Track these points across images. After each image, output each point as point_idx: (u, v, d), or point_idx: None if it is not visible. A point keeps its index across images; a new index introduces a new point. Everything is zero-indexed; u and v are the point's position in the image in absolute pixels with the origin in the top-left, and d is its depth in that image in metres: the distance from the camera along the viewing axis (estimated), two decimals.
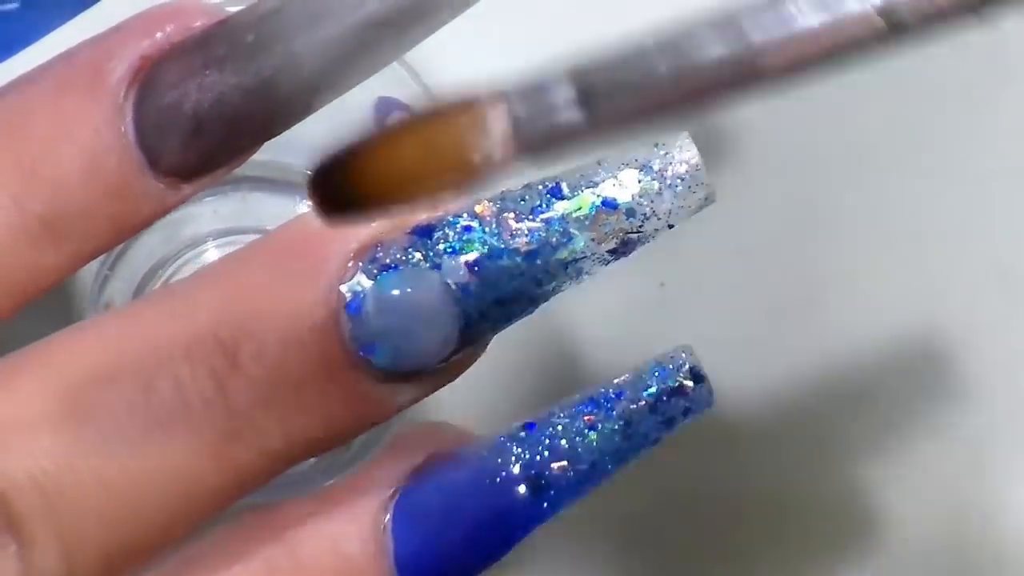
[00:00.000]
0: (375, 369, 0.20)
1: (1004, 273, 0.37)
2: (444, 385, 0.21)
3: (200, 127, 0.21)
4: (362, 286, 0.20)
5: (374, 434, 0.30)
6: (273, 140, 0.27)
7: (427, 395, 0.21)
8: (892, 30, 0.17)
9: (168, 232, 0.29)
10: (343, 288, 0.20)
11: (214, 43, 0.21)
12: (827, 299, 0.37)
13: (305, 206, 0.30)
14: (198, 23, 0.21)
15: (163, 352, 0.20)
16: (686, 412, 0.22)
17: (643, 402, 0.22)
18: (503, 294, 0.21)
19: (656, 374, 0.22)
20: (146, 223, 0.21)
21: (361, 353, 0.20)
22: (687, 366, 0.22)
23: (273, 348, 0.20)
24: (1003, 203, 0.36)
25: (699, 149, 0.22)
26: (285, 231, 0.21)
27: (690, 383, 0.22)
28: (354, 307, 0.20)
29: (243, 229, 0.30)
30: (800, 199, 0.36)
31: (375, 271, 0.20)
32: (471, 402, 0.35)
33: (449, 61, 0.35)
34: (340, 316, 0.20)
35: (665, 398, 0.22)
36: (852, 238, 0.37)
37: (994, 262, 0.37)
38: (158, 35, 0.21)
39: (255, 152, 0.22)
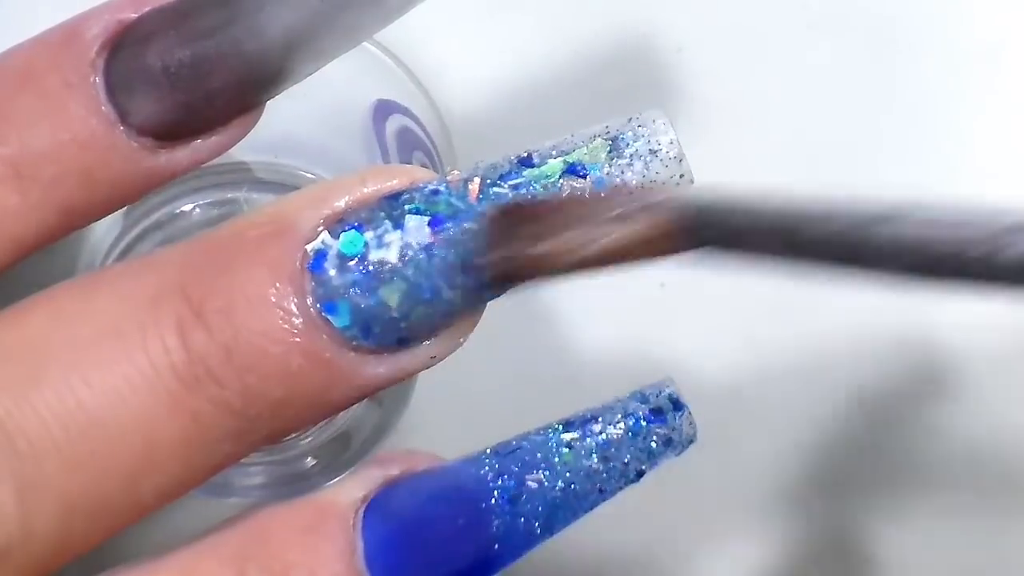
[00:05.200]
0: (339, 332, 0.21)
1: None
2: (418, 370, 0.21)
3: (169, 81, 0.21)
4: (325, 244, 0.20)
5: (375, 432, 0.30)
6: (273, 142, 0.27)
7: (400, 378, 0.21)
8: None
9: (167, 233, 0.29)
10: (308, 247, 0.21)
11: (186, 1, 0.21)
12: (827, 299, 0.37)
13: None
14: None
15: (128, 300, 0.20)
16: (667, 442, 0.22)
17: (621, 424, 0.22)
18: (469, 260, 0.21)
19: (635, 400, 0.22)
20: (121, 182, 0.22)
21: (324, 313, 0.20)
22: (666, 393, 0.22)
23: (238, 303, 0.20)
24: (1003, 199, 0.37)
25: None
26: (261, 207, 0.21)
27: (670, 407, 0.22)
28: (317, 265, 0.20)
29: None
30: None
31: (340, 231, 0.21)
32: (468, 401, 0.35)
33: (448, 64, 0.35)
34: (304, 274, 0.20)
35: (644, 422, 0.22)
36: None
37: None
38: (140, 11, 0.22)
39: (235, 133, 0.22)
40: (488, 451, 0.22)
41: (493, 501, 0.21)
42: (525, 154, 0.21)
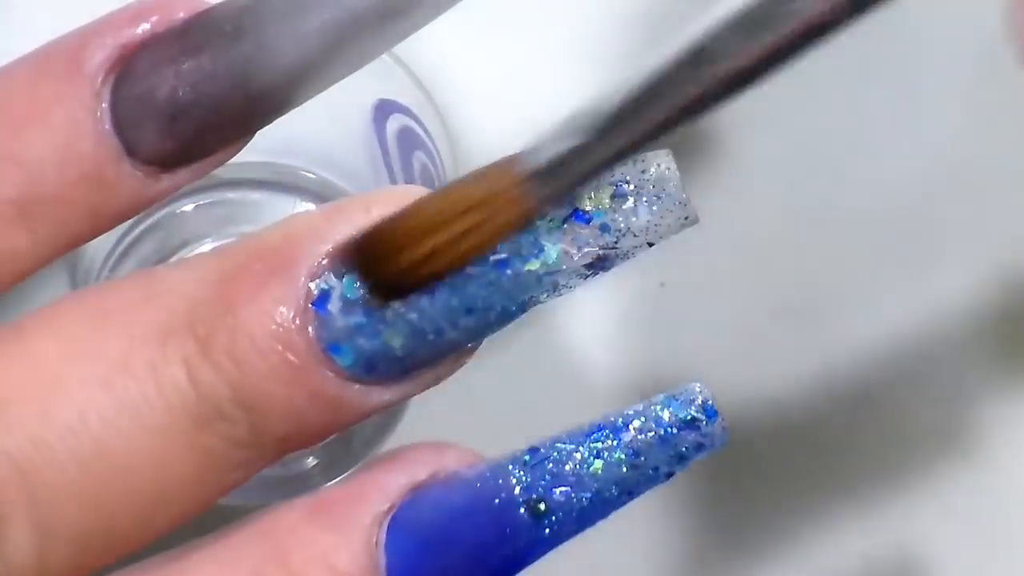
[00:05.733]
0: (343, 370, 0.21)
1: (1005, 271, 0.37)
2: (423, 390, 0.21)
3: (176, 114, 0.21)
4: (330, 285, 0.20)
5: (376, 432, 0.30)
6: (274, 142, 0.27)
7: (405, 399, 0.21)
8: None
9: (167, 233, 0.29)
10: (312, 285, 0.20)
11: (193, 32, 0.21)
12: (827, 297, 0.37)
13: (303, 208, 0.30)
14: (180, 14, 0.21)
15: (138, 336, 0.20)
16: (698, 447, 0.21)
17: (652, 432, 0.21)
18: (473, 303, 0.21)
19: (668, 406, 0.21)
20: (124, 213, 0.22)
21: (327, 352, 0.20)
22: (700, 399, 0.21)
23: (241, 342, 0.20)
24: (1004, 204, 0.37)
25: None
26: (267, 230, 0.21)
27: (702, 416, 0.21)
28: (321, 305, 0.20)
29: (243, 231, 0.30)
30: (800, 198, 0.36)
31: (344, 271, 0.21)
32: (469, 400, 0.35)
33: (448, 64, 0.35)
34: (307, 314, 0.20)
35: (675, 430, 0.21)
36: (852, 237, 0.37)
37: (994, 262, 0.37)
38: (141, 27, 0.21)
39: (237, 148, 0.22)
40: (514, 461, 0.22)
41: (521, 519, 0.21)
42: None
